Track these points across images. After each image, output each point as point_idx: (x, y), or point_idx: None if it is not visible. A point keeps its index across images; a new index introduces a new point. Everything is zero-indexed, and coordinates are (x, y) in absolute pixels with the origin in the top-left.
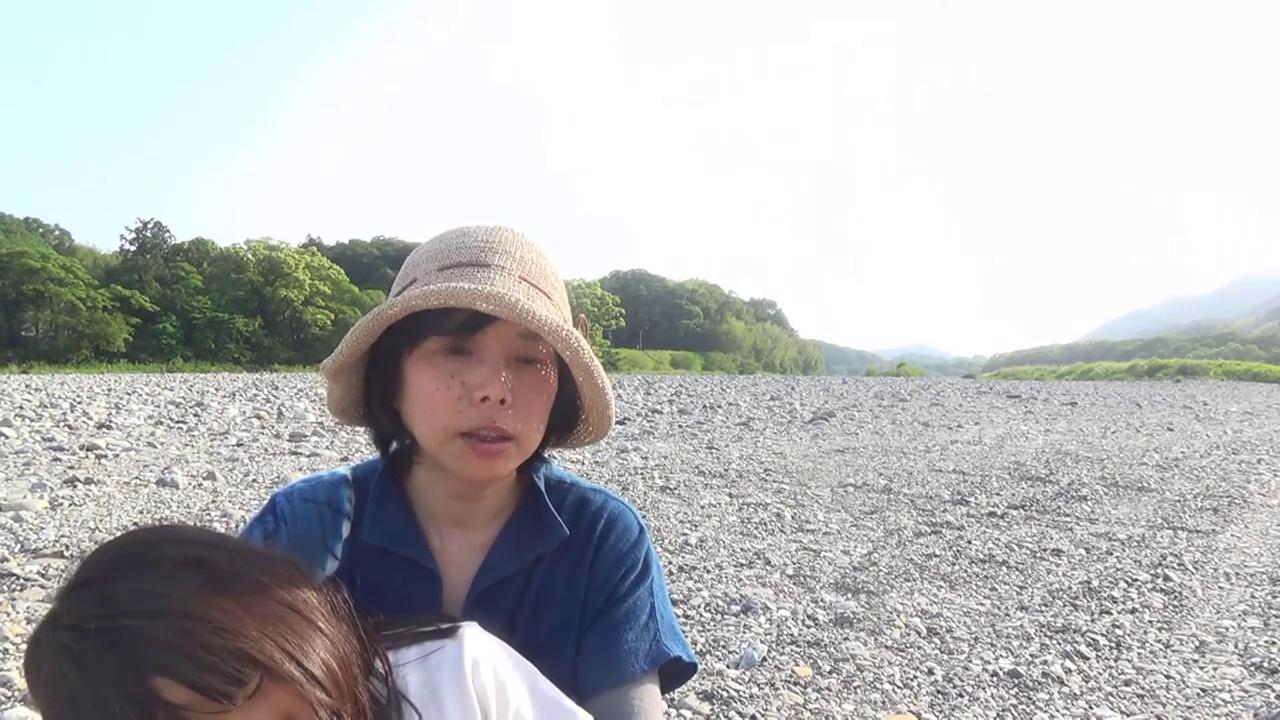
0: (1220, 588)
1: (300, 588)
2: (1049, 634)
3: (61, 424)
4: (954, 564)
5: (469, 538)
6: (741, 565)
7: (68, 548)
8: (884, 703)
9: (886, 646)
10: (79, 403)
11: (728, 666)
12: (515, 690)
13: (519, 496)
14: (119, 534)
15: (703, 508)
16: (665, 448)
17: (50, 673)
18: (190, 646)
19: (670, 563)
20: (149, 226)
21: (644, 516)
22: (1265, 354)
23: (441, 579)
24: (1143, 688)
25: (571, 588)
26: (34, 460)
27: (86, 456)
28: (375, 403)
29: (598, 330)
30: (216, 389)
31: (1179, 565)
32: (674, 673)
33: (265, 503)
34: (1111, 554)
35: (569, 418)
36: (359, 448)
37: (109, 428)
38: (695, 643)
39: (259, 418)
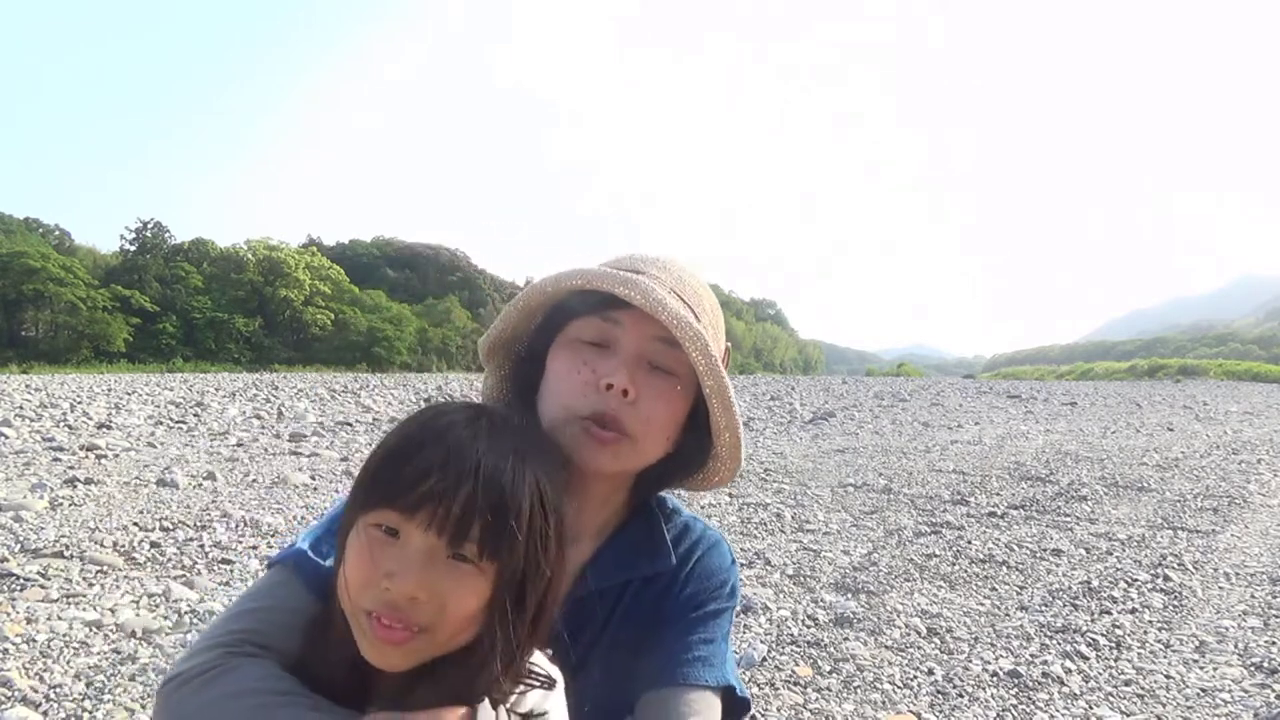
0: (1220, 588)
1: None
2: (1049, 634)
3: (61, 424)
4: (954, 564)
5: (573, 551)
6: (741, 565)
7: (68, 548)
8: (884, 703)
9: (886, 646)
10: (79, 403)
11: None
12: None
13: (628, 514)
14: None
15: (702, 508)
16: None
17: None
18: (537, 473)
19: None
20: (149, 226)
21: None
22: (1265, 354)
23: None
24: (1143, 688)
25: (657, 609)
26: (34, 460)
27: (86, 456)
28: (514, 394)
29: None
30: (216, 389)
31: (1179, 565)
32: (727, 714)
33: None
34: (1111, 554)
35: (698, 453)
36: (359, 448)
37: (109, 428)
38: None
39: (259, 418)
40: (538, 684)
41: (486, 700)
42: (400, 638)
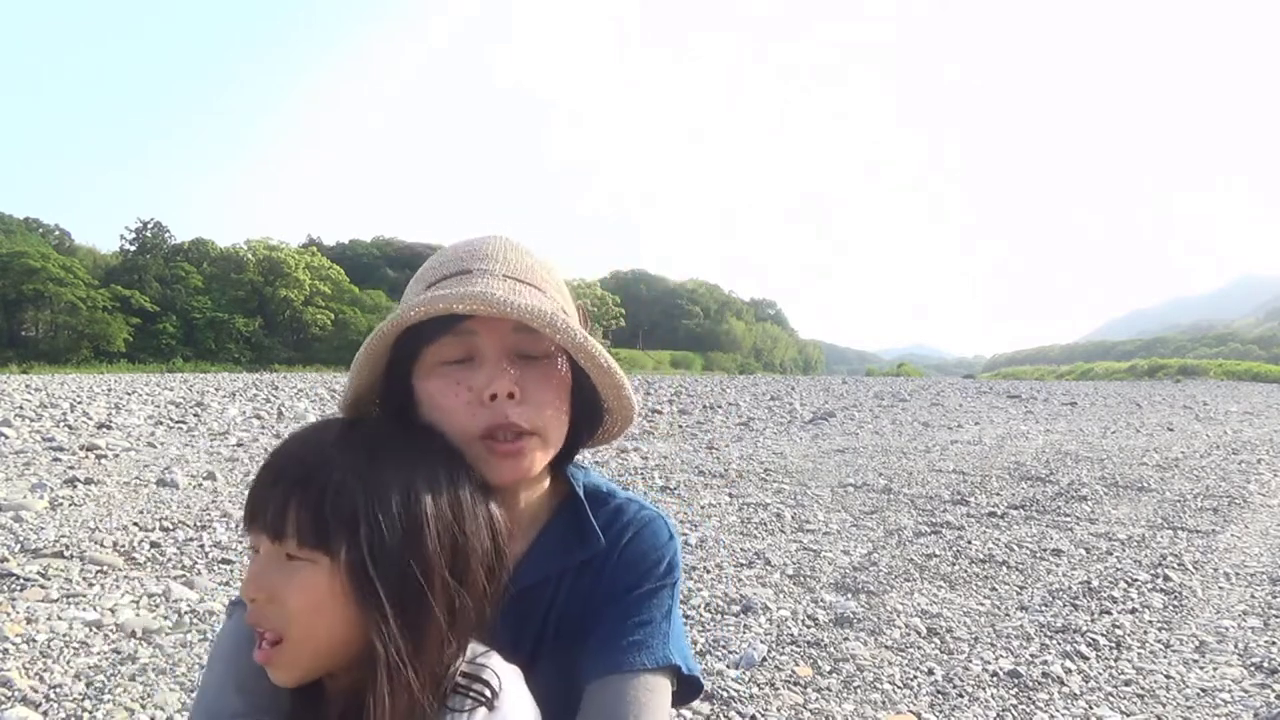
0: (1220, 588)
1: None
2: (1049, 634)
3: (61, 424)
4: (954, 564)
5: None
6: (741, 565)
7: (68, 548)
8: (884, 703)
9: (886, 646)
10: (79, 403)
11: (728, 666)
12: None
13: (557, 504)
14: None
15: (703, 508)
16: (665, 448)
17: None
18: (361, 458)
19: None
20: (149, 226)
21: None
22: (1265, 354)
23: None
24: (1143, 688)
25: (592, 596)
26: (34, 460)
27: (86, 456)
28: None
29: (597, 330)
30: (216, 389)
31: (1179, 565)
32: (679, 692)
33: None
34: (1111, 554)
35: (593, 410)
36: None
37: (109, 428)
38: (695, 642)
39: (259, 418)
40: (476, 699)
41: None
42: (266, 654)
